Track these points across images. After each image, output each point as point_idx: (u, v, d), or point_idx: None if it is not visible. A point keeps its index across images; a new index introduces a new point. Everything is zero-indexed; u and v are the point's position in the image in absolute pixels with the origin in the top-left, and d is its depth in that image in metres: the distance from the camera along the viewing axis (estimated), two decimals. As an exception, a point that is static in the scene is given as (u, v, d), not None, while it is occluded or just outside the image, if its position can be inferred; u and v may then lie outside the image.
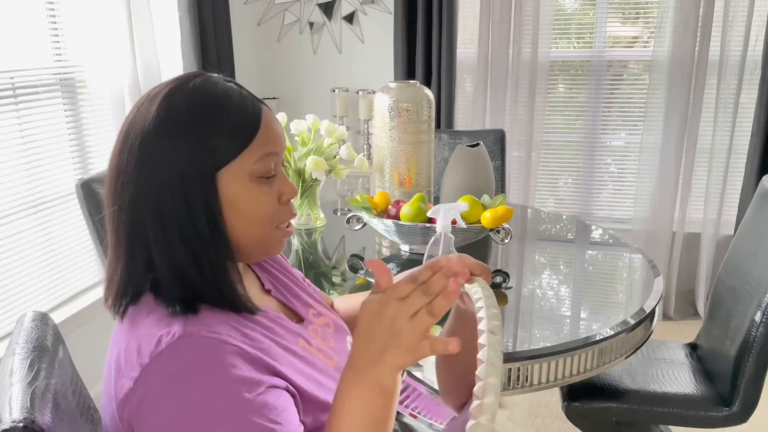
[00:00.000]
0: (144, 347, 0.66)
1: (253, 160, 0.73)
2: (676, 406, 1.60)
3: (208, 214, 0.71)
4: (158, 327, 0.67)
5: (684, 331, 2.97)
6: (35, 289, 2.17)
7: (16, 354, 0.78)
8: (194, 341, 0.66)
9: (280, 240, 0.79)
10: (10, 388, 0.70)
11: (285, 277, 0.95)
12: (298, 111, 3.29)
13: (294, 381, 0.72)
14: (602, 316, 1.47)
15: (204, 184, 0.71)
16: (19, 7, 2.06)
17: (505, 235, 1.58)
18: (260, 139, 0.74)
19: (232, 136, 0.72)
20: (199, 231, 0.71)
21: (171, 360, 0.65)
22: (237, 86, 0.77)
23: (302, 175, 1.87)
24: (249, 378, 0.66)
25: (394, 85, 1.86)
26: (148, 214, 0.70)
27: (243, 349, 0.68)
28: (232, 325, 0.71)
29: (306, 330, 0.86)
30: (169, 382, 0.64)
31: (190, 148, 0.70)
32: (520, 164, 3.17)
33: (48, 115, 2.17)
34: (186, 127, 0.71)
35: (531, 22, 2.98)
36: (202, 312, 0.70)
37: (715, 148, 2.96)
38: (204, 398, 0.63)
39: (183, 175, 0.70)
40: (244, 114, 0.74)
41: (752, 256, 1.63)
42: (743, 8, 2.78)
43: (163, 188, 0.70)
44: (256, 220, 0.75)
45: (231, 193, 0.73)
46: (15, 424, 0.63)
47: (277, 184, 0.77)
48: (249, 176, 0.73)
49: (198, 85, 0.74)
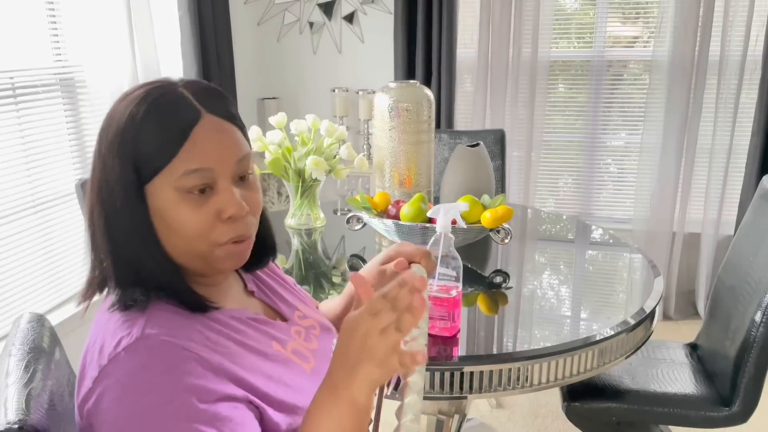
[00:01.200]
0: (105, 347, 0.67)
1: (176, 175, 0.72)
2: (676, 406, 1.60)
3: (138, 225, 0.72)
4: (121, 328, 0.69)
5: (684, 331, 2.97)
6: (34, 289, 2.17)
7: (12, 355, 0.78)
8: (151, 344, 0.66)
9: (227, 257, 0.76)
10: (6, 390, 0.70)
11: (271, 279, 0.95)
12: (298, 111, 3.29)
13: (257, 387, 0.72)
14: (602, 316, 1.47)
15: (131, 196, 0.72)
16: (19, 7, 2.06)
17: (505, 235, 1.58)
18: (185, 156, 0.72)
19: (155, 150, 0.72)
20: (136, 239, 0.73)
21: (127, 362, 0.65)
22: (187, 94, 0.74)
23: (302, 175, 1.87)
24: (203, 386, 0.66)
25: (394, 85, 1.85)
26: (97, 218, 0.74)
27: (201, 356, 0.68)
28: (196, 328, 0.71)
29: (288, 331, 0.85)
30: (124, 383, 0.65)
31: (118, 161, 0.72)
32: (520, 164, 3.16)
33: (48, 115, 2.17)
34: (116, 140, 0.72)
35: (531, 22, 2.98)
36: (162, 312, 0.71)
37: (715, 148, 2.95)
38: (155, 403, 0.64)
39: (114, 187, 0.72)
40: (168, 127, 0.72)
41: (752, 256, 1.63)
42: (743, 8, 2.78)
43: (102, 197, 0.73)
44: (186, 236, 0.73)
45: (158, 206, 0.73)
46: (10, 425, 0.63)
47: (215, 201, 0.73)
48: (175, 190, 0.72)
49: (134, 98, 0.73)
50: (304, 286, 1.54)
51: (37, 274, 2.18)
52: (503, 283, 1.57)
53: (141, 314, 0.70)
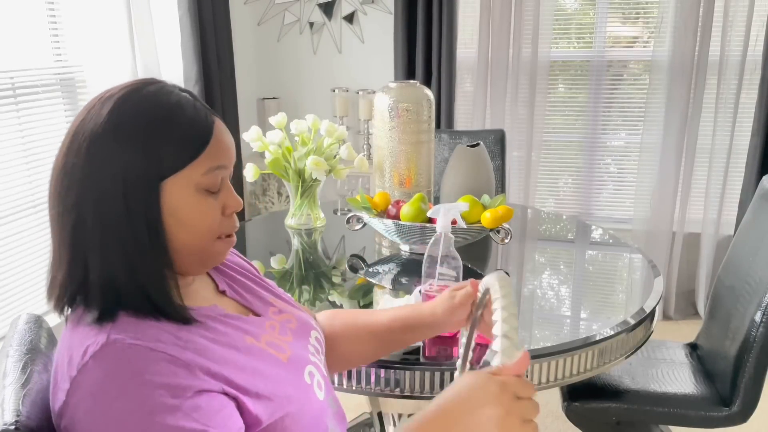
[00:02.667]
0: (74, 358, 0.66)
1: (201, 172, 0.73)
2: (676, 406, 1.60)
3: (149, 221, 0.71)
4: (87, 336, 0.67)
5: (684, 331, 2.97)
6: (34, 289, 2.17)
7: (9, 356, 0.78)
8: (118, 349, 0.65)
9: (222, 251, 0.80)
10: (3, 391, 0.70)
11: (244, 277, 0.95)
12: (298, 111, 3.29)
13: (232, 379, 0.71)
14: (602, 316, 1.47)
15: (147, 191, 0.70)
16: (19, 7, 2.06)
17: (505, 235, 1.58)
18: (210, 152, 0.74)
19: (182, 147, 0.72)
20: (137, 238, 0.71)
21: (95, 369, 0.64)
22: (192, 97, 0.77)
23: (302, 175, 1.86)
24: (175, 383, 0.65)
25: (394, 85, 1.85)
26: (89, 217, 0.70)
27: (171, 355, 0.67)
28: (164, 329, 0.70)
29: (262, 325, 0.85)
30: (94, 392, 0.63)
31: (136, 155, 0.70)
32: (520, 164, 3.16)
33: (48, 115, 2.17)
34: (135, 133, 0.70)
35: (531, 22, 2.98)
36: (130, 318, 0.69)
37: (715, 148, 2.95)
38: (128, 406, 0.63)
39: (127, 181, 0.69)
40: (196, 125, 0.73)
41: (752, 256, 1.63)
42: (743, 8, 2.78)
43: (106, 192, 0.69)
44: (197, 231, 0.75)
45: (174, 203, 0.72)
46: (6, 426, 0.63)
47: (222, 197, 0.77)
48: (195, 187, 0.73)
49: (152, 93, 0.73)
50: (304, 286, 1.55)
51: (37, 274, 2.18)
52: (503, 283, 1.57)
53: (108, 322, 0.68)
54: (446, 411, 0.67)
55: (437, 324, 0.99)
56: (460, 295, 0.96)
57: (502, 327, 0.68)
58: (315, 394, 0.83)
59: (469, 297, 0.95)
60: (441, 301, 0.97)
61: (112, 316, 0.68)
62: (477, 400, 0.66)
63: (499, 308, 0.70)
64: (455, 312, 0.96)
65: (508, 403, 0.65)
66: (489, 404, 0.65)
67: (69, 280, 0.72)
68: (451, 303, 0.96)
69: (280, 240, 1.89)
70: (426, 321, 0.99)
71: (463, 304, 0.95)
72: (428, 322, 0.99)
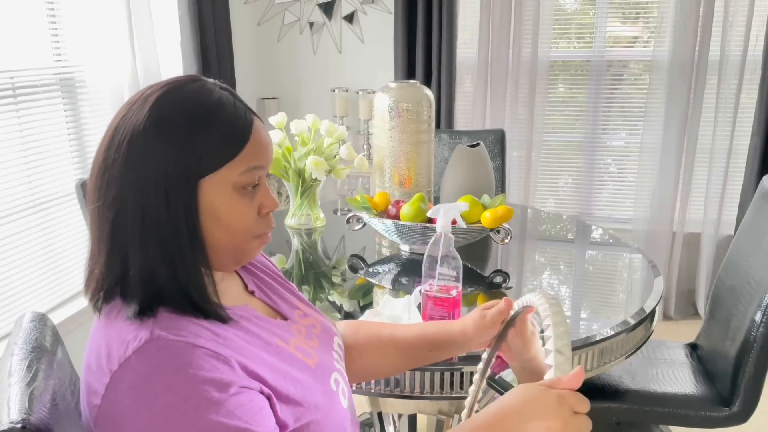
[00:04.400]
0: (113, 353, 0.66)
1: (238, 171, 0.73)
2: (676, 406, 1.60)
3: (187, 219, 0.71)
4: (126, 332, 0.67)
5: (684, 331, 2.97)
6: (35, 289, 2.17)
7: (14, 355, 0.78)
8: (161, 345, 0.65)
9: (255, 249, 0.80)
10: (9, 389, 0.70)
11: (270, 278, 0.95)
12: (298, 111, 3.29)
13: (267, 380, 0.72)
14: (602, 316, 1.47)
15: (186, 189, 0.71)
16: (19, 7, 2.06)
17: (505, 235, 1.58)
18: (248, 152, 0.74)
19: (221, 146, 0.72)
20: (176, 234, 0.71)
21: (139, 365, 0.64)
22: (232, 96, 0.76)
23: (302, 175, 1.87)
24: (219, 379, 0.66)
25: (394, 85, 1.85)
26: (130, 212, 0.70)
27: (213, 351, 0.67)
28: (203, 325, 0.71)
29: (289, 329, 0.85)
30: (138, 386, 0.64)
31: (177, 152, 0.70)
32: (520, 164, 3.16)
33: (48, 115, 2.17)
34: (176, 131, 0.70)
35: (531, 22, 2.98)
36: (171, 314, 0.70)
37: (715, 148, 2.96)
38: (174, 401, 0.63)
39: (167, 178, 0.70)
40: (235, 125, 0.73)
41: (752, 256, 1.63)
42: (743, 8, 2.78)
43: (146, 188, 0.70)
44: (234, 230, 0.75)
45: (212, 202, 0.72)
46: (13, 425, 0.63)
47: (258, 196, 0.77)
48: (233, 186, 0.73)
49: (193, 90, 0.73)
50: (304, 286, 1.55)
51: (37, 274, 2.18)
52: (503, 283, 1.58)
53: (147, 318, 0.68)
54: (503, 418, 0.68)
55: (466, 343, 0.97)
56: (491, 314, 0.93)
57: (555, 342, 0.69)
58: (340, 402, 0.83)
59: (500, 315, 0.92)
60: (472, 321, 0.94)
61: (152, 312, 0.69)
62: (535, 411, 0.66)
63: (552, 324, 0.71)
64: (486, 332, 0.94)
65: (565, 417, 0.65)
66: (548, 417, 0.65)
67: (107, 273, 0.72)
68: (482, 322, 0.93)
69: (280, 240, 1.89)
70: (456, 340, 0.96)
71: (494, 323, 0.93)
72: (458, 341, 0.96)
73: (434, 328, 1.00)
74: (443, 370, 1.15)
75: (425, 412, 1.48)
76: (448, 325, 0.99)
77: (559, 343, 0.69)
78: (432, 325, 1.02)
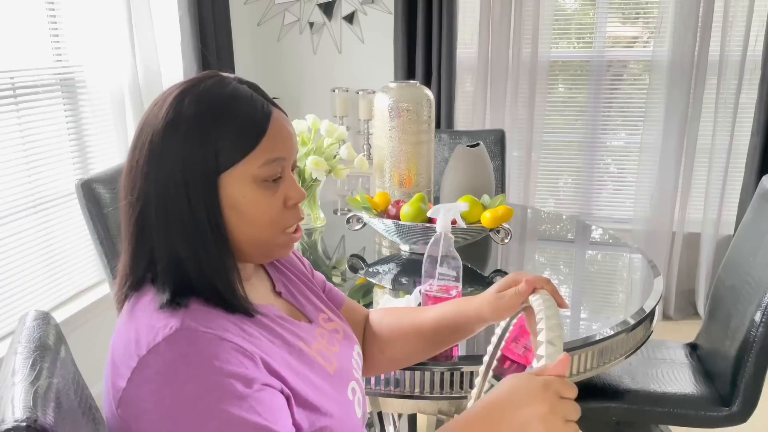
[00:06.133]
0: (142, 339, 0.67)
1: (257, 164, 0.73)
2: (676, 406, 1.60)
3: (210, 214, 0.72)
4: (157, 320, 0.68)
5: (684, 331, 2.97)
6: (36, 288, 2.17)
7: (18, 353, 0.78)
8: (191, 335, 0.67)
9: (287, 244, 0.80)
10: (13, 388, 0.70)
11: (299, 280, 0.96)
12: (298, 111, 3.30)
13: (288, 380, 0.72)
14: (602, 316, 1.47)
15: (206, 185, 0.72)
16: (19, 7, 2.06)
17: (505, 235, 1.58)
18: (266, 144, 0.74)
19: (237, 140, 0.72)
20: (200, 230, 0.72)
21: (167, 352, 0.65)
22: (250, 88, 0.77)
23: (302, 175, 1.87)
24: (244, 374, 0.67)
25: (394, 85, 1.86)
26: (153, 208, 0.72)
27: (240, 346, 0.68)
28: (231, 320, 0.72)
29: (312, 332, 0.86)
30: (164, 373, 0.65)
31: (194, 150, 0.71)
32: (520, 164, 3.17)
33: (48, 115, 2.18)
34: (191, 129, 0.71)
35: (531, 22, 2.99)
36: (201, 307, 0.71)
37: (715, 148, 2.96)
38: (199, 391, 0.64)
39: (186, 176, 0.71)
40: (251, 118, 0.74)
41: (752, 256, 1.63)
42: (743, 8, 2.78)
43: (168, 186, 0.71)
44: (259, 224, 0.75)
45: (234, 196, 0.73)
46: (18, 423, 0.63)
47: (283, 188, 0.77)
48: (253, 180, 0.74)
49: (208, 87, 0.74)
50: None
51: (38, 273, 2.18)
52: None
53: (177, 309, 0.70)
54: (491, 409, 0.69)
55: (483, 323, 0.96)
56: (509, 295, 0.90)
57: (547, 334, 0.70)
58: (355, 411, 0.83)
59: (519, 297, 0.89)
60: (488, 302, 0.92)
61: (185, 302, 0.70)
62: (521, 398, 0.67)
63: (544, 317, 0.73)
64: (502, 313, 0.92)
65: (551, 401, 0.66)
66: (534, 402, 0.66)
67: (134, 267, 0.75)
68: (498, 303, 0.91)
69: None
70: (472, 321, 0.96)
71: (510, 306, 0.90)
72: (474, 321, 0.96)
73: (451, 312, 0.98)
74: (443, 370, 1.15)
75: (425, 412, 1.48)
76: (465, 306, 0.97)
77: (550, 334, 0.70)
78: (448, 307, 1.00)
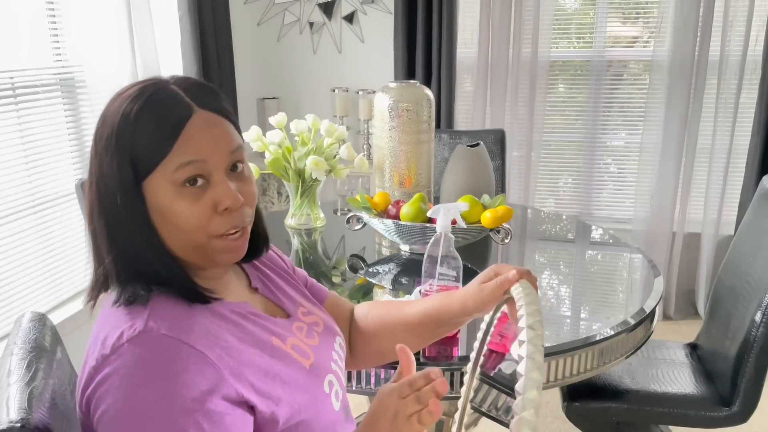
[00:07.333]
0: (108, 339, 0.69)
1: (171, 169, 0.73)
2: (676, 406, 1.60)
3: (138, 222, 0.74)
4: (124, 320, 0.70)
5: (684, 331, 2.97)
6: (34, 289, 2.17)
7: (14, 354, 0.78)
8: (152, 338, 0.68)
9: (227, 249, 0.77)
10: (8, 389, 0.70)
11: (278, 275, 0.96)
12: (298, 111, 3.29)
13: (254, 382, 0.73)
14: (602, 316, 1.47)
15: (129, 193, 0.73)
16: (19, 7, 2.06)
17: (505, 235, 1.58)
18: (179, 148, 0.73)
19: (151, 146, 0.73)
20: (135, 234, 0.74)
21: (128, 354, 0.67)
22: (179, 91, 0.76)
23: (302, 175, 1.87)
24: (199, 386, 0.67)
25: (394, 85, 1.85)
26: (95, 213, 0.75)
27: (201, 352, 0.69)
28: (197, 320, 0.73)
29: (289, 327, 0.86)
30: (122, 375, 0.67)
31: (115, 160, 0.73)
32: (520, 164, 3.16)
33: (48, 115, 2.17)
34: (111, 139, 0.73)
35: (531, 22, 2.98)
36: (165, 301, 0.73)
37: (715, 148, 2.96)
38: (149, 397, 0.66)
39: (108, 184, 0.73)
40: (163, 124, 0.73)
41: (752, 256, 1.63)
42: (743, 8, 2.78)
43: (101, 195, 0.74)
44: (183, 230, 0.75)
45: (157, 202, 0.74)
46: (12, 424, 0.63)
47: (211, 193, 0.75)
48: (172, 184, 0.73)
49: (126, 96, 0.75)
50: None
51: (37, 273, 2.18)
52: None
53: (143, 308, 0.71)
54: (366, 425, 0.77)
55: (468, 316, 0.95)
56: (492, 287, 0.89)
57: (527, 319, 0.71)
58: (332, 404, 0.84)
59: (499, 288, 0.88)
60: (471, 294, 0.91)
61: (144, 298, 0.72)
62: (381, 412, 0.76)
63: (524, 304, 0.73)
64: (486, 305, 0.91)
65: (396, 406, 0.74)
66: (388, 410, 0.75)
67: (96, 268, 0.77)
68: (481, 295, 0.90)
69: (280, 240, 1.89)
70: (457, 315, 0.95)
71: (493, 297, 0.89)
72: (458, 314, 0.95)
73: (435, 307, 0.98)
74: (443, 370, 1.14)
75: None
76: (448, 303, 0.96)
77: (530, 320, 0.71)
78: (432, 302, 0.99)
